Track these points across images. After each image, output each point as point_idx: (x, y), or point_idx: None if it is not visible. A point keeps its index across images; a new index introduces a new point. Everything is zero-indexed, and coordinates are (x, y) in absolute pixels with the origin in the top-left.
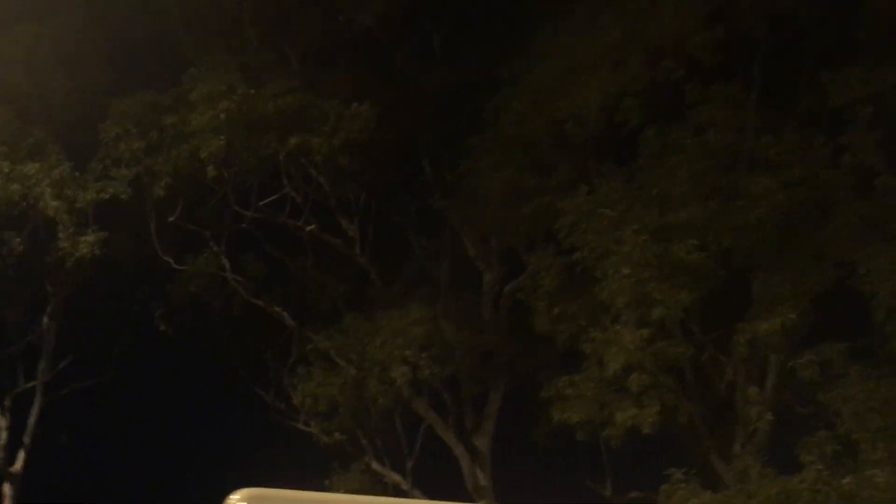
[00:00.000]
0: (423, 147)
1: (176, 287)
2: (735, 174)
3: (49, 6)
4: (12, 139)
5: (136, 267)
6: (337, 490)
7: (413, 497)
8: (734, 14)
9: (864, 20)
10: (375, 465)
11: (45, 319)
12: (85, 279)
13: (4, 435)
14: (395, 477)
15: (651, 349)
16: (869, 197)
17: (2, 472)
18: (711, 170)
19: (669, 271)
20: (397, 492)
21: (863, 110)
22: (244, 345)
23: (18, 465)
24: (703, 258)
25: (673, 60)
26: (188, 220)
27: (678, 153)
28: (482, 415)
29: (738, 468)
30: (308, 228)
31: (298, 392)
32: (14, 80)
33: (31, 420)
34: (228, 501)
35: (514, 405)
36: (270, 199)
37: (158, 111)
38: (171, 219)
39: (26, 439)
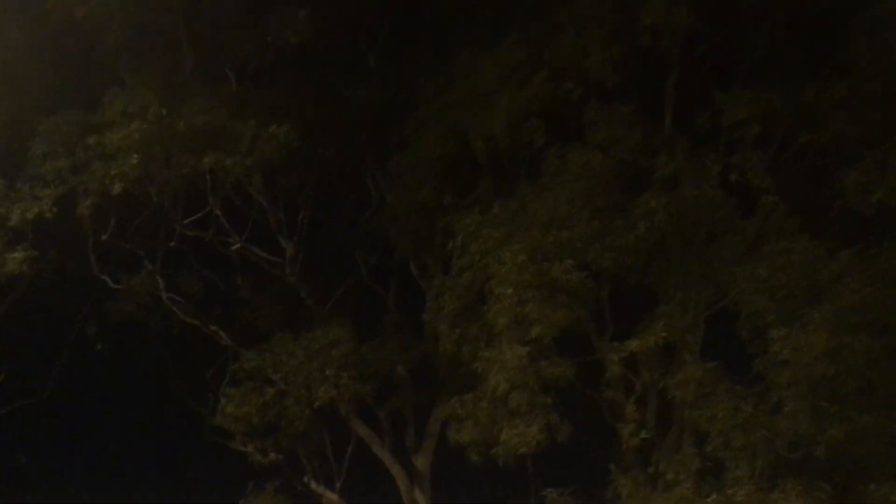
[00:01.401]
0: (355, 165)
1: (113, 306)
2: (617, 194)
3: None
4: None
5: (75, 286)
6: None
7: None
8: (632, 35)
9: (758, 41)
10: (314, 485)
11: None
12: (22, 297)
13: None
14: (332, 496)
15: (532, 368)
16: (753, 216)
17: None
18: (595, 189)
19: (548, 292)
20: None
21: (750, 130)
22: (183, 364)
23: None
24: (581, 278)
25: (573, 80)
26: (124, 238)
27: (564, 173)
28: (423, 434)
29: (613, 486)
30: (233, 247)
31: (218, 413)
32: None
33: None
34: None
35: None
36: (194, 217)
37: (84, 130)
38: (103, 237)
39: None
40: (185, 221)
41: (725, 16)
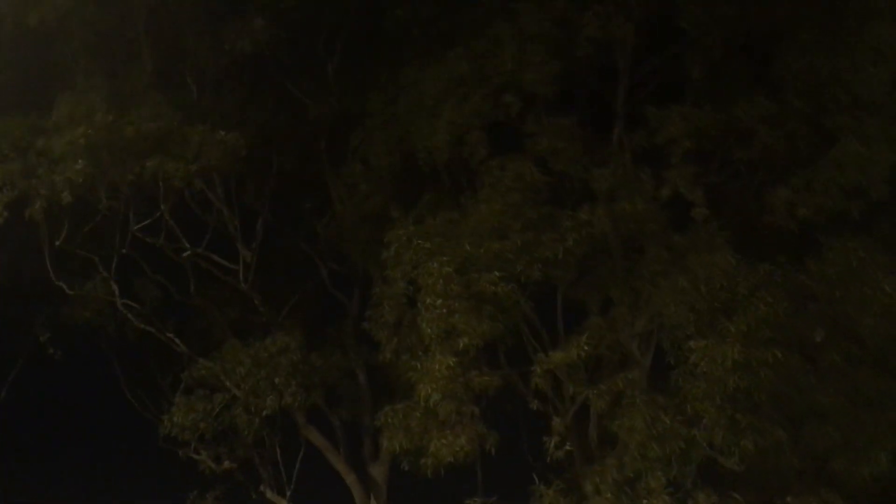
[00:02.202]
0: (313, 174)
1: (68, 312)
2: (550, 207)
3: None
4: None
5: (32, 291)
6: None
7: None
8: (573, 48)
9: (696, 60)
10: (269, 494)
11: None
12: None
13: None
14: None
15: (461, 379)
16: (684, 230)
17: None
18: (527, 202)
19: (475, 303)
20: None
21: (682, 146)
22: (138, 371)
23: None
24: (507, 290)
25: (514, 94)
26: (79, 244)
27: (501, 185)
28: (380, 444)
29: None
30: (185, 254)
31: (166, 421)
32: None
33: None
34: None
35: None
36: (144, 223)
37: (36, 134)
38: (56, 243)
39: None
40: (136, 227)
41: (665, 35)
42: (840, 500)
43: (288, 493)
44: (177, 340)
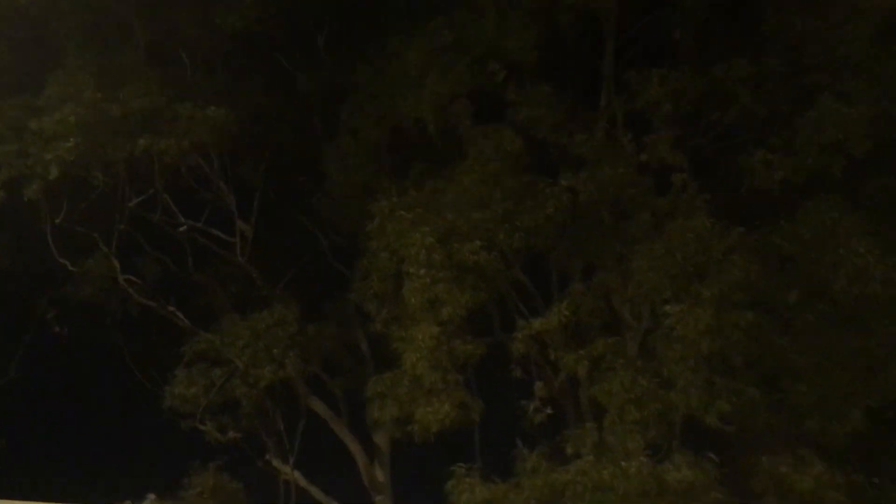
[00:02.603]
0: (307, 147)
1: (72, 290)
2: (530, 175)
3: None
4: None
5: (36, 270)
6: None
7: (310, 494)
8: (552, 16)
9: (679, 20)
10: (276, 463)
11: None
12: None
13: None
14: (292, 474)
15: (445, 348)
16: (666, 194)
17: None
18: (507, 170)
19: (457, 273)
20: (295, 489)
21: (662, 109)
22: (142, 346)
23: None
24: (490, 259)
25: (496, 62)
26: (79, 222)
27: (477, 156)
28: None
29: (519, 461)
30: (181, 229)
31: (167, 394)
32: None
33: None
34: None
35: None
36: (139, 199)
37: (30, 114)
38: (56, 221)
39: None
40: (131, 204)
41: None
42: (816, 458)
43: (291, 461)
44: (179, 315)
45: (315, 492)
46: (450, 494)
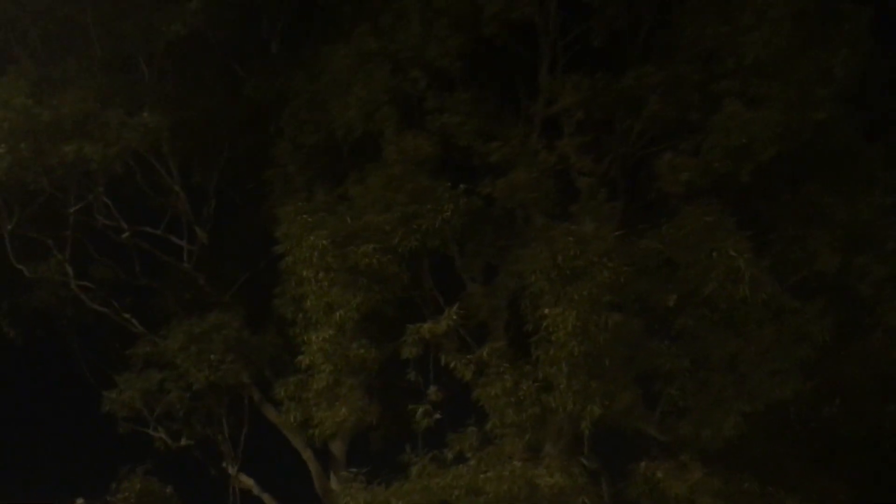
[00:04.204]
0: (257, 152)
1: (26, 294)
2: (431, 180)
3: None
4: None
5: None
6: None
7: (264, 501)
8: (474, 24)
9: (598, 28)
10: (230, 470)
11: None
12: None
13: None
14: (247, 481)
15: (340, 351)
16: (576, 199)
17: None
18: (408, 175)
19: (350, 276)
20: (246, 496)
21: (575, 115)
22: (98, 351)
23: None
24: (384, 262)
25: (419, 70)
26: (33, 228)
27: (386, 160)
28: (360, 421)
29: (410, 465)
30: (123, 235)
31: (105, 399)
32: None
33: None
34: None
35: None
36: (79, 206)
37: None
38: (9, 227)
39: None
40: (71, 210)
41: (574, 8)
42: (698, 464)
43: (235, 469)
44: (133, 321)
45: (268, 500)
46: (337, 499)
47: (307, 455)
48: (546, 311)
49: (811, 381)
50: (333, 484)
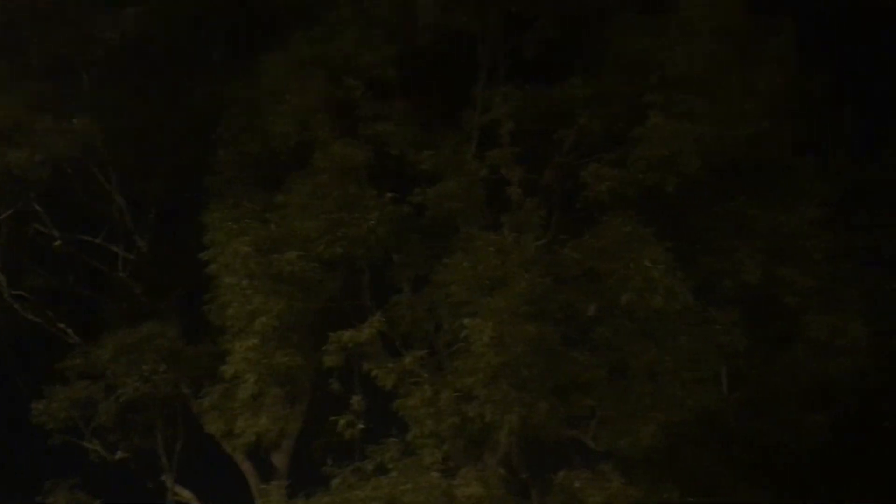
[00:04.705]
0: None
1: None
2: (356, 187)
3: None
4: None
5: None
6: None
7: None
8: (410, 33)
9: (535, 38)
10: (169, 483)
11: None
12: None
13: None
14: (187, 494)
15: (264, 359)
16: (507, 210)
17: None
18: (335, 183)
19: (273, 282)
20: None
21: (506, 126)
22: (30, 362)
23: None
24: (308, 269)
25: (354, 77)
26: None
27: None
28: (282, 431)
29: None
30: (55, 244)
31: (33, 411)
32: None
33: None
34: None
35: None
36: (7, 213)
37: None
38: None
39: None
40: (1, 216)
41: (504, 17)
42: (618, 474)
43: (171, 478)
44: (69, 331)
45: None
46: None
47: (246, 467)
48: (465, 321)
49: (738, 392)
50: (275, 496)
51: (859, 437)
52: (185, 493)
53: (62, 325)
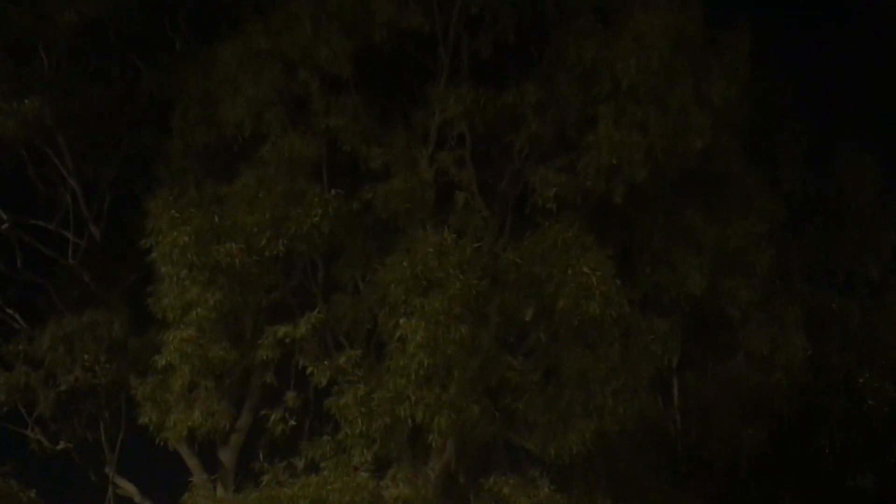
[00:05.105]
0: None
1: None
2: (302, 182)
3: None
4: None
5: None
6: None
7: None
8: (366, 29)
9: (492, 41)
10: (112, 476)
11: None
12: None
13: None
14: (130, 488)
15: (198, 351)
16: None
17: None
18: (280, 177)
19: (210, 274)
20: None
21: (457, 127)
22: None
23: None
24: (249, 263)
25: (309, 71)
26: None
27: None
28: (232, 427)
29: (261, 473)
30: (2, 226)
31: None
32: None
33: None
34: None
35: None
36: None
37: None
38: None
39: None
40: None
41: (461, 17)
42: (547, 480)
43: (113, 472)
44: (17, 317)
45: None
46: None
47: (192, 463)
48: (401, 321)
49: (677, 402)
50: (220, 493)
51: (796, 451)
52: (129, 487)
53: (10, 311)
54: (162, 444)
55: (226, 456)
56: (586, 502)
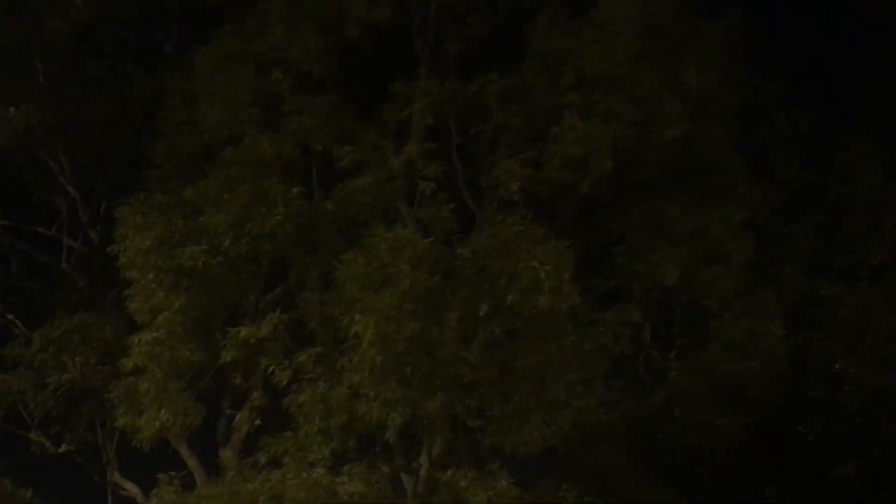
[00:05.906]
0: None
1: None
2: (265, 182)
3: None
4: None
5: None
6: None
7: None
8: (339, 27)
9: (464, 35)
10: (116, 477)
11: None
12: None
13: None
14: (133, 489)
15: (166, 353)
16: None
17: None
18: (244, 177)
19: (175, 277)
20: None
21: (424, 121)
22: None
23: None
24: (213, 265)
25: (282, 71)
26: None
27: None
28: (232, 426)
29: (224, 470)
30: None
31: None
32: None
33: None
34: None
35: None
36: None
37: None
38: None
39: None
40: None
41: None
42: (506, 474)
43: (114, 473)
44: (17, 322)
45: None
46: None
47: (192, 463)
48: (355, 318)
49: (654, 393)
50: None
51: (774, 441)
52: (132, 488)
53: (10, 316)
54: (161, 445)
55: (227, 455)
56: (551, 495)
